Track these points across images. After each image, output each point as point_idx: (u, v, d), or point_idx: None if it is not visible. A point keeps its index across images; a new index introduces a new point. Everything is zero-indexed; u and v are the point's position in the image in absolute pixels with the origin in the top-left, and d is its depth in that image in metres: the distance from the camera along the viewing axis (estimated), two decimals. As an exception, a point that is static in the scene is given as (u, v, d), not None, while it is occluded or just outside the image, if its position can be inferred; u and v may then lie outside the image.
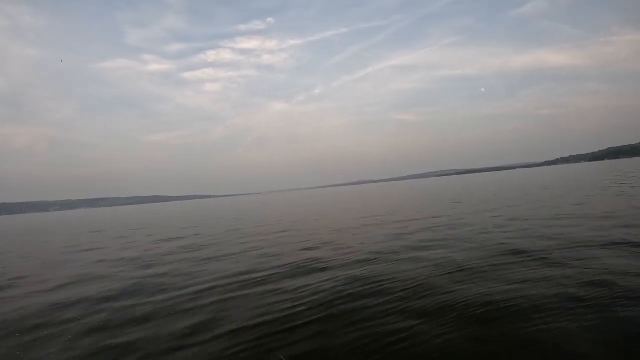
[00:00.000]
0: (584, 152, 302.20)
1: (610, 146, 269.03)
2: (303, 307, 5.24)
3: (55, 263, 11.66)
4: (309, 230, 14.72)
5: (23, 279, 9.25)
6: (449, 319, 4.41)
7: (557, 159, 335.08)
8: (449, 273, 6.29)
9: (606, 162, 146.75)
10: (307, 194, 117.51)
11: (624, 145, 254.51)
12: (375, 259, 7.98)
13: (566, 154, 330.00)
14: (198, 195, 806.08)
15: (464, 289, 5.37)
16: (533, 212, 13.17)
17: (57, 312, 5.99)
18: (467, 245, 8.53)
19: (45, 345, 4.67)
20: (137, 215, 51.72)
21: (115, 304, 6.23)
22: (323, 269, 7.48)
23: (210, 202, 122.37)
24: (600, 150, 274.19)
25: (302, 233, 13.82)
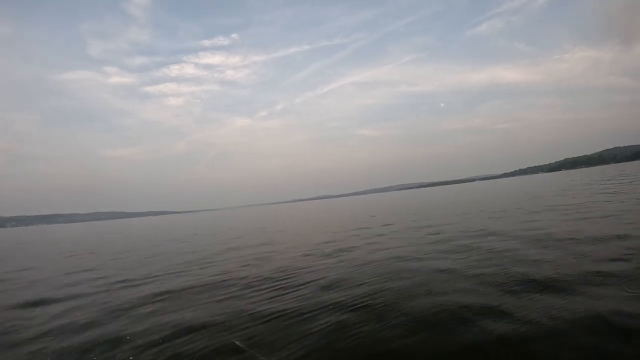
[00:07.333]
0: (541, 164, 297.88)
1: (567, 157, 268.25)
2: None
3: None
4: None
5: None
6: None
7: (515, 170, 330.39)
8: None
9: (562, 173, 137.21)
10: (262, 209, 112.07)
11: (580, 156, 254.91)
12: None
13: (524, 166, 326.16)
14: (157, 211, 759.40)
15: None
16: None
17: None
18: None
19: None
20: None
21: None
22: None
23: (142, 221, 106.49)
24: (557, 161, 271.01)
25: None
